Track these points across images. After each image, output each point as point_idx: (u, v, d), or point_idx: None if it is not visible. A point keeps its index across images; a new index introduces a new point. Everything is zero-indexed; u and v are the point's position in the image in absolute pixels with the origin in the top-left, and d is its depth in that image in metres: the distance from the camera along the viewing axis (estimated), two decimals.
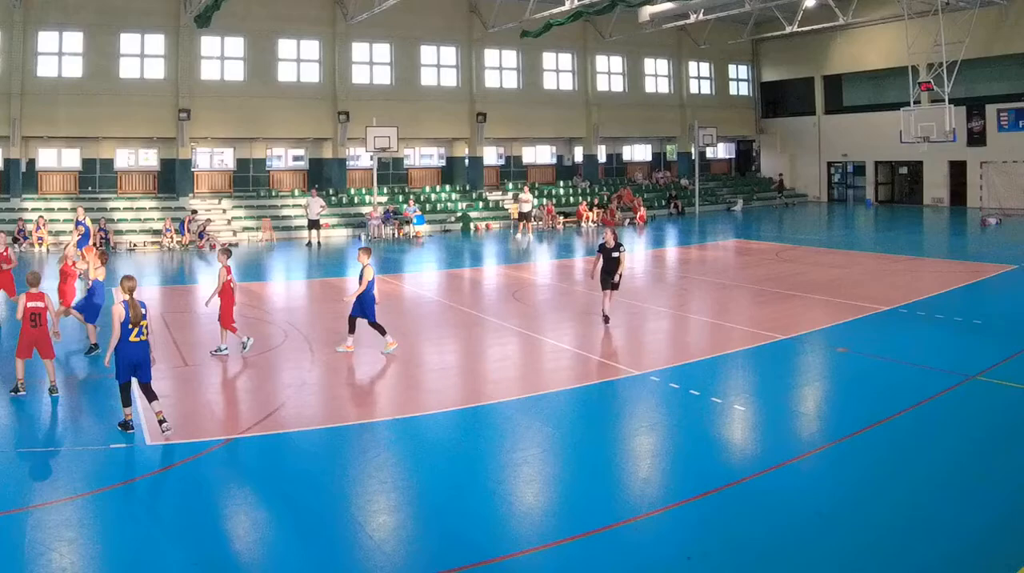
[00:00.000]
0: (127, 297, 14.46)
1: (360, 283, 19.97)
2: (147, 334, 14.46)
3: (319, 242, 45.45)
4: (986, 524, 10.94)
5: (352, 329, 20.40)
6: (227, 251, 21.40)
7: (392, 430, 15.01)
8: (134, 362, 14.40)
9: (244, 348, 20.44)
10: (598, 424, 15.52)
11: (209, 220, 48.55)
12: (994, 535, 10.69)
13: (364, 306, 20.09)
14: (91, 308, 20.44)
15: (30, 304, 16.27)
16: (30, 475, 12.77)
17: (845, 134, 66.15)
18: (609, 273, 23.21)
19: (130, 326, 14.22)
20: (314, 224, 45.83)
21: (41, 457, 13.53)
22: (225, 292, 20.36)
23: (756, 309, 25.84)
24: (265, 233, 47.86)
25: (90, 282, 20.70)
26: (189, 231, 45.60)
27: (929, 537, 10.65)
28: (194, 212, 47.70)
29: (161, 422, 14.24)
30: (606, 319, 23.22)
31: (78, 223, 33.08)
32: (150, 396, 14.53)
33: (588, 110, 62.84)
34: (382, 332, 20.18)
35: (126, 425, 14.51)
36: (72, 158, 50.17)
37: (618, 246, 23.32)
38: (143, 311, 14.42)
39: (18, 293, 20.38)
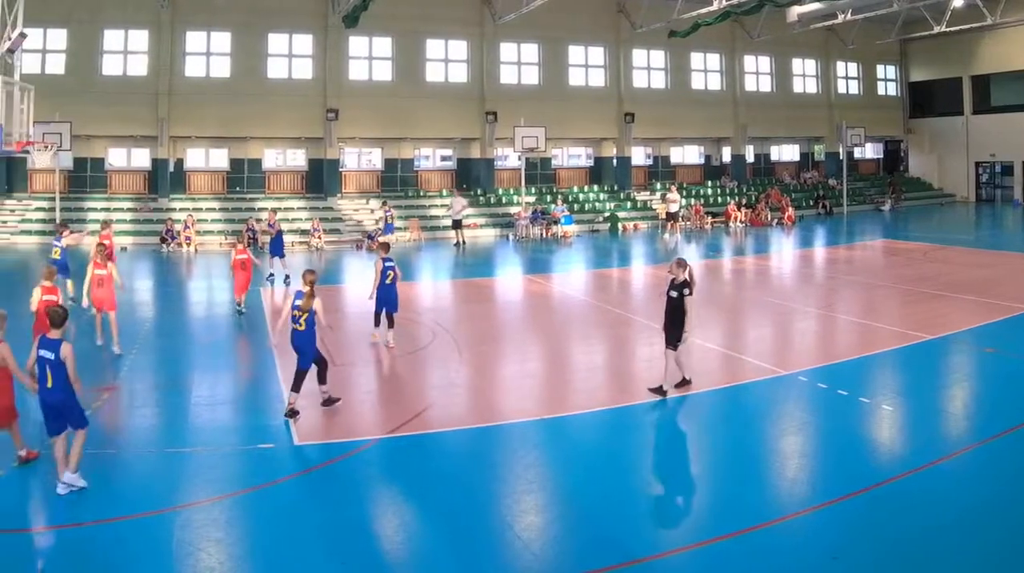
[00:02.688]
0: (306, 288, 14.33)
1: (375, 276, 19.28)
2: (304, 325, 14.19)
3: (463, 241, 40.56)
4: None
5: (377, 322, 19.51)
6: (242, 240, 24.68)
7: (540, 430, 13.86)
8: (294, 346, 14.35)
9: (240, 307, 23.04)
10: (746, 424, 14.27)
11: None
12: None
13: (379, 297, 19.18)
14: None
15: (45, 297, 15.22)
16: (178, 475, 11.77)
17: (993, 134, 58.81)
18: (672, 323, 15.28)
19: (295, 314, 14.19)
20: (458, 224, 41.10)
21: (188, 457, 12.46)
22: (236, 268, 23.06)
23: (904, 309, 23.94)
24: (413, 233, 42.65)
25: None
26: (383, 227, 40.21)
27: None
28: (384, 203, 42.40)
29: (290, 414, 14.14)
30: (660, 391, 15.22)
31: (269, 225, 31.12)
32: (295, 385, 14.24)
33: (736, 110, 55.97)
34: (376, 323, 19.48)
35: (329, 401, 14.55)
36: (220, 158, 45.95)
37: (683, 286, 15.10)
38: (297, 303, 14.34)
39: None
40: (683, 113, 54.08)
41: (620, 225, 47.69)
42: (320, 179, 46.54)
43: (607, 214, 49.05)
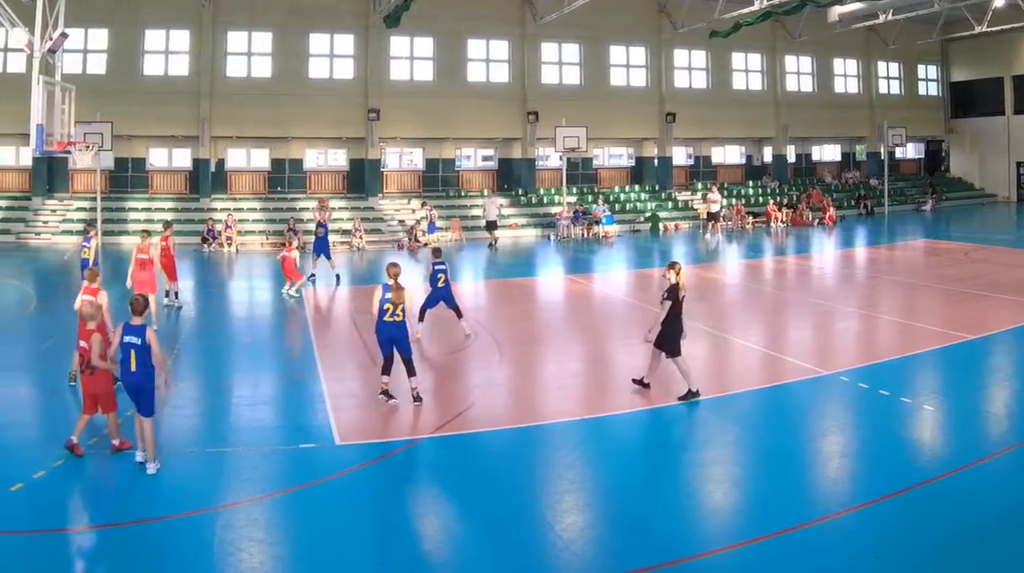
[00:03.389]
0: (391, 282, 14.24)
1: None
2: (401, 316, 14.15)
3: (495, 242, 39.19)
4: None
5: (421, 318, 19.52)
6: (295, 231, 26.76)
7: (581, 430, 13.34)
8: (388, 338, 14.23)
9: (290, 290, 24.13)
10: (787, 424, 13.75)
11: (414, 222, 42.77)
12: None
13: (431, 298, 19.55)
14: None
15: (85, 297, 14.44)
16: (219, 475, 11.38)
17: None
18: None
19: (385, 307, 14.06)
20: (492, 225, 39.83)
21: (230, 457, 12.02)
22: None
23: (945, 309, 23.33)
24: (454, 233, 41.02)
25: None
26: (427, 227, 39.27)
27: None
28: (424, 203, 41.43)
29: (415, 398, 14.18)
30: (691, 395, 14.48)
31: (319, 225, 29.62)
32: (408, 371, 14.23)
33: (777, 110, 53.70)
34: (420, 319, 19.43)
35: (386, 393, 14.32)
36: (261, 158, 44.55)
37: (668, 290, 14.60)
38: (387, 296, 14.18)
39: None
40: (724, 113, 51.97)
41: (661, 225, 46.05)
42: (361, 179, 45.04)
43: (648, 214, 47.39)
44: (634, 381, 15.12)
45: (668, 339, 14.45)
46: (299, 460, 12.02)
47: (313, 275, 27.88)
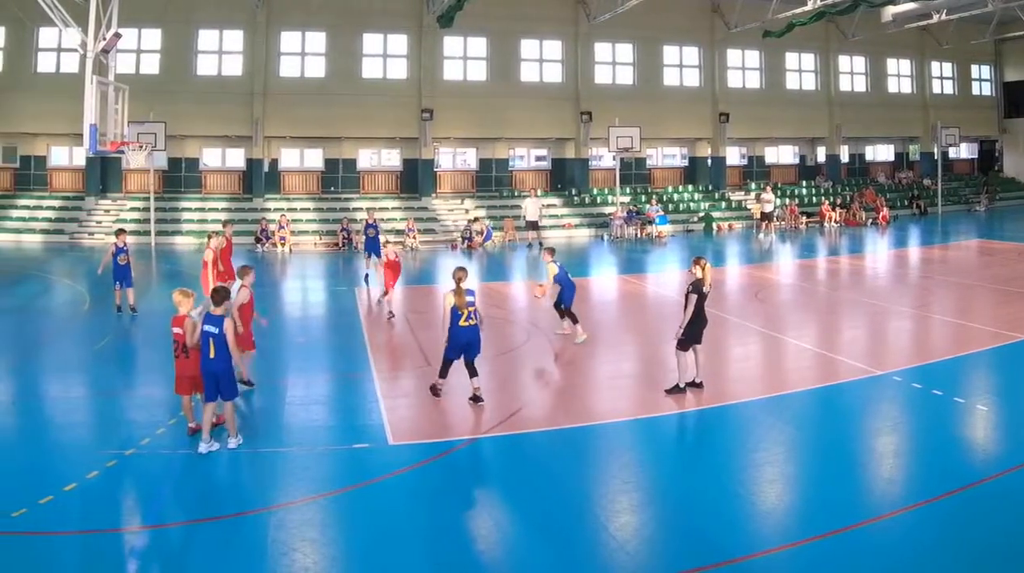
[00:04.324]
0: (455, 286, 13.68)
1: (547, 279, 18.87)
2: (476, 319, 13.62)
3: (540, 242, 36.92)
4: None
5: (562, 316, 18.84)
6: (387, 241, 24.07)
7: (634, 430, 12.88)
8: (463, 343, 13.63)
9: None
10: (841, 424, 13.23)
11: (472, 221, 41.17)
12: None
13: (562, 295, 18.62)
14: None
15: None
16: (273, 475, 11.03)
17: None
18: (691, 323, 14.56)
19: (459, 312, 13.51)
20: (532, 225, 38.24)
21: (283, 457, 11.62)
22: (389, 267, 21.48)
23: (998, 309, 22.38)
24: (507, 233, 39.35)
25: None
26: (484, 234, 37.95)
27: None
28: (476, 220, 39.72)
29: (476, 398, 13.62)
30: (692, 383, 14.52)
31: (370, 225, 29.06)
32: (471, 372, 13.68)
33: (831, 110, 51.26)
34: (574, 320, 18.55)
35: (435, 390, 14.07)
36: (314, 158, 42.93)
37: (693, 285, 14.48)
38: (468, 299, 13.66)
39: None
40: (778, 113, 49.70)
41: (715, 225, 44.17)
42: (415, 179, 43.33)
43: (702, 214, 45.40)
44: (686, 385, 14.48)
45: (687, 333, 14.23)
46: (352, 460, 11.68)
47: (368, 274, 26.92)
